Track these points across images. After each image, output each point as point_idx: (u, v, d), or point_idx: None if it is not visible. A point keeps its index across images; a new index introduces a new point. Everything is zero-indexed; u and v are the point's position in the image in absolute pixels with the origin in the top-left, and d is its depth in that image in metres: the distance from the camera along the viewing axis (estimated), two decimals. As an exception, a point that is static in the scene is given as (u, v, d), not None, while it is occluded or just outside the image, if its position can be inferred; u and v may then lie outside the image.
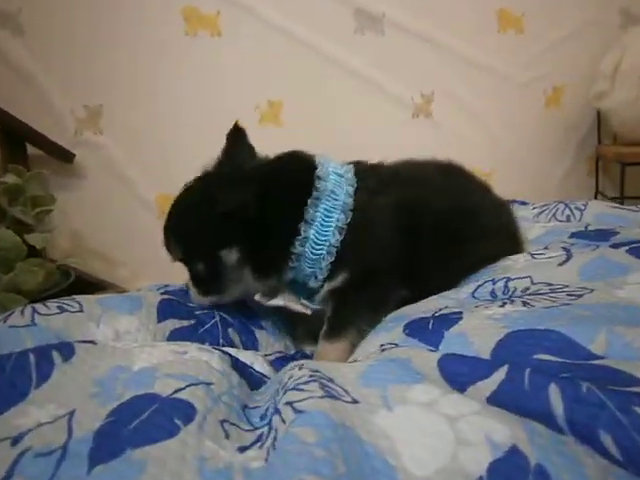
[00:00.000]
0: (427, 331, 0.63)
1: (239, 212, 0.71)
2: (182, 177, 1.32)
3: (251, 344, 0.83)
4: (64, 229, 1.16)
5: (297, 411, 0.40)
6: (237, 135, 0.81)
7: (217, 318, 0.83)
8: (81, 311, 0.72)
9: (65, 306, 0.72)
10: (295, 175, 0.76)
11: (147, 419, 0.42)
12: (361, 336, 0.71)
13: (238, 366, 0.58)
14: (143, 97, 1.19)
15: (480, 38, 1.41)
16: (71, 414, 0.43)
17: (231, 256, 0.74)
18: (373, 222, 0.74)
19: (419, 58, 1.37)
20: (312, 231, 0.71)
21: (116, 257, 1.24)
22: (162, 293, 0.84)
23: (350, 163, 0.82)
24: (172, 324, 0.77)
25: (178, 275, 1.33)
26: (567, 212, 1.14)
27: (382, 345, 0.65)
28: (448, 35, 1.37)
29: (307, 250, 0.72)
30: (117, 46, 1.16)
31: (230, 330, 0.82)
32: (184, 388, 0.47)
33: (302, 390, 0.44)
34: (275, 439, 0.40)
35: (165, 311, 0.79)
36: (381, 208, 0.75)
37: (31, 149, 1.11)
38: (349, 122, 1.36)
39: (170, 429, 0.41)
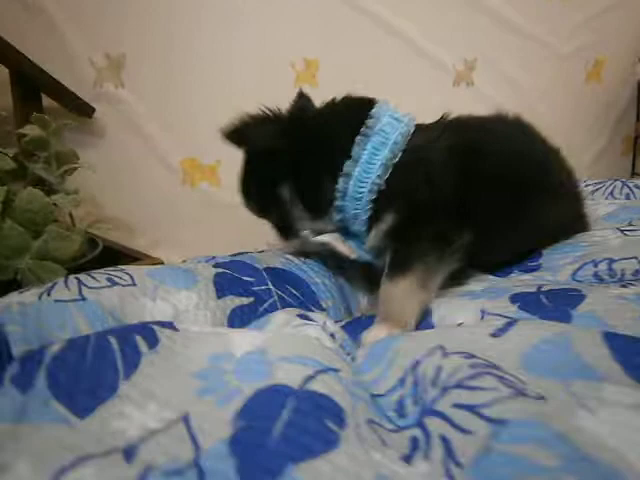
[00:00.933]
0: (545, 307, 0.56)
1: (269, 148, 0.71)
2: (209, 141, 1.20)
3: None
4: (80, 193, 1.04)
5: (492, 420, 0.32)
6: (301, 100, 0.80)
7: (275, 297, 0.74)
8: (134, 284, 0.62)
9: (114, 278, 0.62)
10: (345, 114, 0.74)
11: (291, 422, 0.33)
12: (428, 275, 0.65)
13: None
14: (171, 48, 1.07)
15: (526, 3, 1.32)
16: (186, 419, 0.34)
17: (284, 193, 0.74)
18: (423, 161, 0.70)
19: (464, 21, 1.27)
20: (358, 169, 0.68)
21: (134, 224, 1.13)
22: (214, 266, 0.75)
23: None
24: (232, 302, 0.68)
25: (199, 245, 1.23)
26: (626, 190, 1.08)
27: (485, 312, 0.58)
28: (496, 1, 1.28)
29: (350, 188, 0.69)
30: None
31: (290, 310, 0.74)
32: (314, 376, 0.38)
33: (475, 389, 0.36)
34: (451, 452, 0.32)
35: (223, 286, 0.69)
36: (434, 148, 0.71)
37: (45, 100, 0.98)
38: (387, 86, 1.26)
39: (327, 436, 0.33)
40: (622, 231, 0.76)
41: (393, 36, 1.23)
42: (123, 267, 0.66)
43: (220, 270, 0.73)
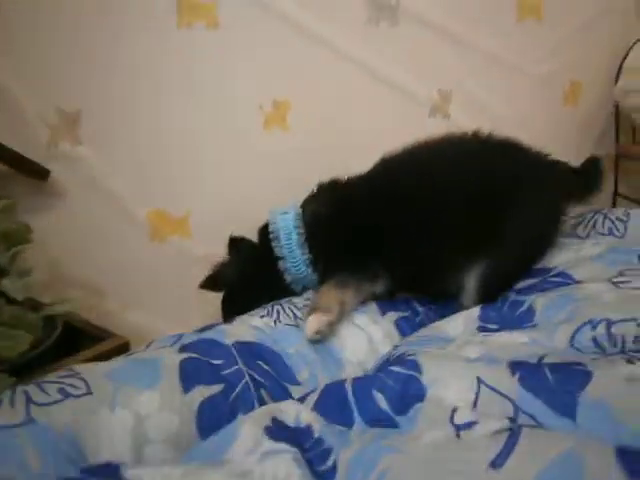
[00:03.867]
0: (549, 386, 0.52)
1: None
2: (175, 190, 1.16)
3: (286, 399, 0.70)
4: (39, 259, 0.97)
5: None
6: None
7: (247, 378, 0.69)
8: (89, 393, 0.57)
9: (67, 387, 0.56)
10: (261, 238, 0.98)
11: None
12: (344, 282, 0.87)
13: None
14: (128, 100, 1.01)
15: (498, 28, 1.29)
16: None
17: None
18: (316, 231, 0.93)
19: (436, 51, 1.24)
20: (287, 263, 0.93)
21: (102, 286, 1.06)
22: (180, 350, 0.69)
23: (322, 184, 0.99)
24: (200, 393, 0.63)
25: (173, 303, 1.18)
26: (608, 224, 1.04)
27: (482, 381, 0.53)
28: (467, 27, 1.25)
29: (292, 274, 0.94)
30: (98, 37, 0.97)
31: (263, 391, 0.69)
32: None
33: None
34: None
35: (190, 376, 0.64)
36: (319, 215, 0.94)
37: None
38: (360, 122, 1.23)
39: None
40: (614, 283, 0.73)
41: (365, 71, 1.19)
42: (78, 369, 0.61)
43: (186, 355, 0.68)
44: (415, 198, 0.90)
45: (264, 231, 0.97)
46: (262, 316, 0.84)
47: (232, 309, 0.92)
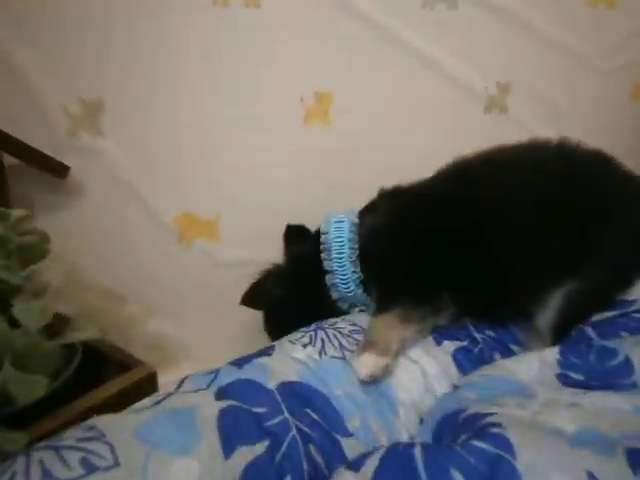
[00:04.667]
0: None
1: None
2: (204, 191, 1.05)
3: (336, 456, 0.61)
4: (59, 262, 0.88)
5: None
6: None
7: (294, 431, 0.60)
8: (117, 465, 0.47)
9: (90, 457, 0.47)
10: (309, 247, 0.88)
11: None
12: (407, 314, 0.75)
13: None
14: (157, 88, 0.90)
15: (566, 14, 1.15)
16: None
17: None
18: (375, 244, 0.83)
19: (496, 38, 1.10)
20: (336, 279, 0.84)
21: (124, 292, 0.98)
22: (218, 395, 0.60)
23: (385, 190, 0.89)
24: (243, 456, 0.54)
25: (199, 310, 1.08)
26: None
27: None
28: (532, 12, 1.11)
29: (341, 291, 0.85)
30: (124, 18, 0.86)
31: (311, 447, 0.59)
32: None
33: None
34: None
35: (230, 435, 0.55)
36: (380, 228, 0.84)
37: (9, 158, 0.83)
38: (409, 117, 1.11)
39: None
40: None
41: (417, 60, 1.06)
42: (101, 427, 0.52)
43: (225, 404, 0.59)
44: (489, 209, 0.79)
45: (316, 239, 0.87)
46: (305, 345, 0.75)
47: (276, 328, 0.86)
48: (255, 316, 1.07)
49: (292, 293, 0.87)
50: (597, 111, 1.23)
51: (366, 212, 0.88)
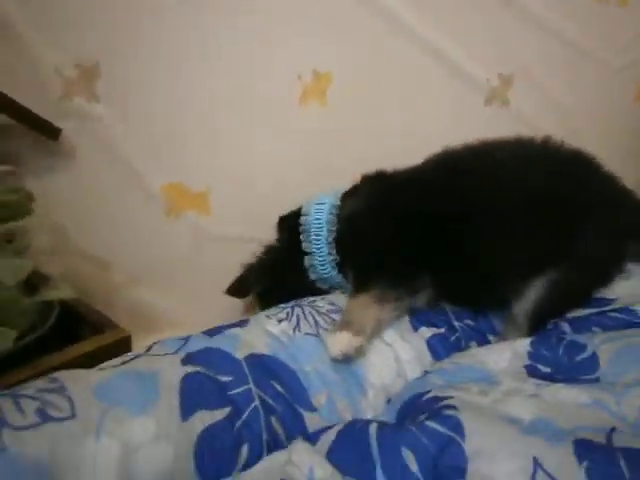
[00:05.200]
0: None
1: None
2: (195, 163, 1.05)
3: (298, 429, 0.62)
4: (44, 222, 0.89)
5: None
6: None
7: (257, 401, 0.60)
8: (72, 416, 0.48)
9: (47, 408, 0.48)
10: (291, 230, 0.89)
11: None
12: (384, 294, 0.76)
13: None
14: (157, 56, 0.90)
15: (575, 7, 1.12)
16: None
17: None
18: (355, 226, 0.84)
19: (500, 27, 1.08)
20: (314, 261, 0.85)
21: (110, 259, 0.98)
22: (184, 360, 0.61)
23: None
24: (201, 420, 0.55)
25: (184, 282, 1.09)
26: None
27: (539, 466, 0.44)
28: (539, 2, 1.09)
29: (319, 271, 0.86)
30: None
31: (273, 418, 0.60)
32: None
33: None
34: None
35: (191, 399, 0.56)
36: (362, 212, 0.85)
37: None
38: (408, 104, 1.10)
39: None
40: None
41: (418, 46, 1.05)
42: (63, 379, 0.52)
43: (190, 369, 0.59)
44: (476, 199, 0.80)
45: (295, 221, 0.88)
46: (280, 320, 0.75)
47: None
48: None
49: (276, 281, 0.89)
50: (601, 109, 1.21)
51: (348, 196, 0.89)
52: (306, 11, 0.95)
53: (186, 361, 0.61)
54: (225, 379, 0.60)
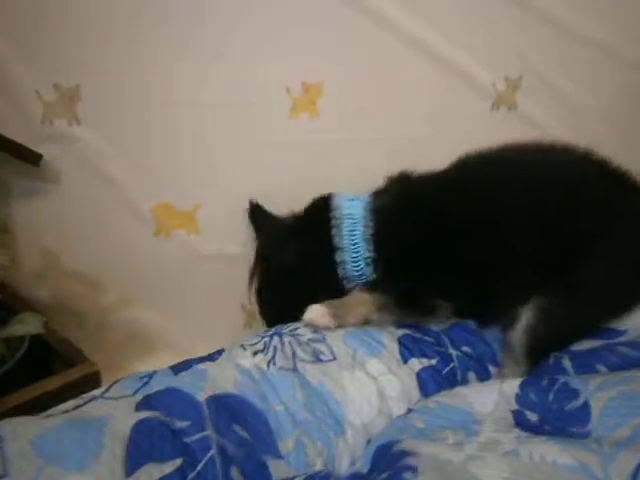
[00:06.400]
0: None
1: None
2: (183, 181, 1.02)
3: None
4: (32, 247, 0.89)
5: None
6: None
7: (213, 450, 0.57)
8: (3, 476, 0.46)
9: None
10: (315, 220, 0.83)
11: None
12: (385, 309, 0.76)
13: None
14: (132, 76, 0.87)
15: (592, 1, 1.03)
16: None
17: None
18: (392, 223, 0.79)
19: (506, 24, 1.00)
20: (346, 256, 0.80)
21: (101, 280, 0.97)
22: (140, 403, 0.58)
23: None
24: (148, 475, 0.52)
25: (176, 301, 1.06)
26: None
27: None
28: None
29: (349, 269, 0.81)
30: (99, 2, 0.84)
31: (233, 469, 0.56)
32: None
33: None
34: None
35: (139, 450, 0.53)
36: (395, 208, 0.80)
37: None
38: (406, 112, 1.04)
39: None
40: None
41: (415, 50, 0.99)
42: (4, 429, 0.50)
43: (143, 416, 0.56)
44: (487, 212, 0.76)
45: (320, 214, 0.82)
46: (255, 352, 0.71)
47: (273, 311, 0.84)
48: (235, 308, 1.05)
49: (299, 269, 0.81)
50: (620, 109, 1.11)
51: (378, 194, 0.84)
52: (292, 23, 0.91)
53: (142, 405, 0.58)
54: (182, 425, 0.57)
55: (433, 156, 0.85)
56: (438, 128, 1.05)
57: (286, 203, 0.95)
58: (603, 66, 1.11)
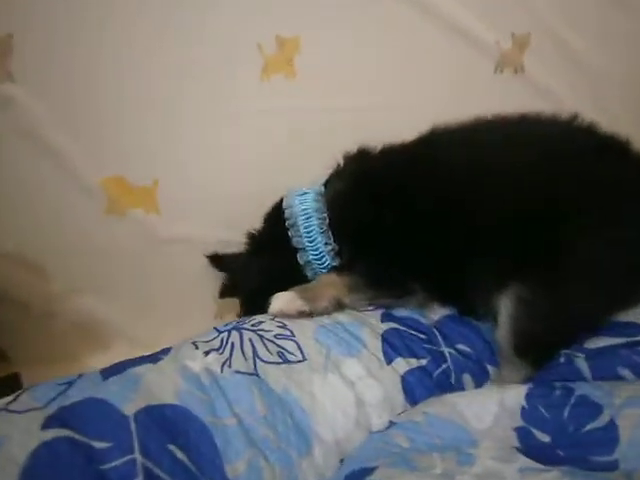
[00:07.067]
0: None
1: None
2: (140, 152, 0.88)
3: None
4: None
5: None
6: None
7: (141, 477, 0.45)
8: None
9: None
10: (272, 226, 0.80)
11: None
12: (356, 288, 0.72)
13: None
14: (86, 26, 0.75)
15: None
16: None
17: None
18: (345, 210, 0.76)
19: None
20: (309, 255, 0.76)
21: (44, 264, 0.85)
22: (49, 419, 0.46)
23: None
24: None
25: (129, 288, 0.94)
26: None
27: None
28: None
29: (314, 266, 0.77)
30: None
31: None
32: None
33: None
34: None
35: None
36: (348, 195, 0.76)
37: None
38: (396, 72, 0.92)
39: None
40: None
41: (408, 3, 0.86)
42: None
43: (50, 436, 0.45)
44: (460, 183, 0.68)
45: (276, 220, 0.79)
46: (208, 352, 0.60)
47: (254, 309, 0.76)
48: (204, 298, 0.94)
49: (267, 280, 0.78)
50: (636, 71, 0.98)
51: (332, 180, 0.79)
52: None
53: (53, 420, 0.46)
54: (101, 446, 0.45)
55: (425, 124, 0.75)
56: (433, 92, 0.92)
57: (261, 178, 0.84)
58: (619, 27, 0.97)
